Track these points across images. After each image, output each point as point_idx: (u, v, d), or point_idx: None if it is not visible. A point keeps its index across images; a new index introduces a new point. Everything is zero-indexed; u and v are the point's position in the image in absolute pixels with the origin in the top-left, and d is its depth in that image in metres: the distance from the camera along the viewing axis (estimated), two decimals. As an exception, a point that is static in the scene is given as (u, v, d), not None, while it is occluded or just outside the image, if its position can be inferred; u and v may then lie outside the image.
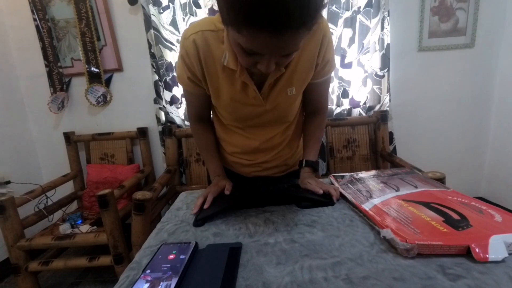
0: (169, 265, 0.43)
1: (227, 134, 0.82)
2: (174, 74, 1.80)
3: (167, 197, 1.78)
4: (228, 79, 0.65)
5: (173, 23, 1.73)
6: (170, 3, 1.70)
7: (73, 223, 1.56)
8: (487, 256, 0.39)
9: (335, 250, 0.46)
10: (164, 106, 1.82)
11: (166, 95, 1.81)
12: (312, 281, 0.39)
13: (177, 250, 0.47)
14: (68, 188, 1.91)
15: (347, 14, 1.70)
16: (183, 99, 1.85)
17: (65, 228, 1.51)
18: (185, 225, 0.60)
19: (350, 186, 0.68)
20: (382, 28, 1.70)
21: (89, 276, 1.67)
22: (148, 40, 1.73)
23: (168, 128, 1.80)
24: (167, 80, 1.79)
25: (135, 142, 1.95)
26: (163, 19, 1.71)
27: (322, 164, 1.84)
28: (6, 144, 1.80)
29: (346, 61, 1.76)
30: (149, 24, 1.70)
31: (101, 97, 1.88)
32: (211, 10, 1.72)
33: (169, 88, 1.81)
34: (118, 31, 1.82)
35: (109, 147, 1.93)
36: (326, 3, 1.24)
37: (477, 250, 0.39)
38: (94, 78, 1.83)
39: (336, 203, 0.64)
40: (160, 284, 0.39)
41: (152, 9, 1.68)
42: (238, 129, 0.79)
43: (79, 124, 1.97)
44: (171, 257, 0.45)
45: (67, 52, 1.84)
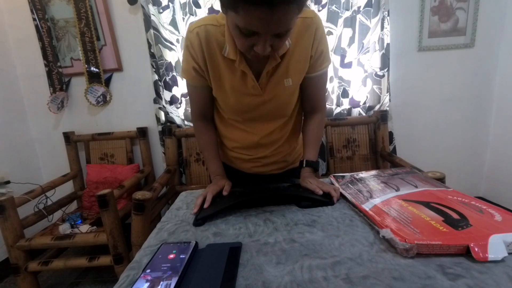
0: (169, 265, 0.43)
1: (228, 129, 0.83)
2: (174, 74, 1.80)
3: (167, 197, 1.78)
4: (228, 69, 0.69)
5: (173, 23, 1.73)
6: (169, 3, 1.70)
7: (72, 223, 1.56)
8: (486, 255, 0.39)
9: (335, 250, 0.46)
10: (164, 106, 1.82)
11: (166, 95, 1.81)
12: (312, 280, 0.39)
13: (177, 249, 0.47)
14: (68, 188, 1.90)
15: (347, 13, 1.69)
16: (183, 99, 1.85)
17: (64, 228, 1.51)
18: (185, 224, 0.60)
19: (351, 186, 0.68)
20: (382, 28, 1.70)
21: (89, 276, 1.67)
22: (147, 40, 1.73)
23: (168, 128, 1.79)
24: (167, 80, 1.79)
25: (135, 142, 1.95)
26: (162, 19, 1.71)
27: (322, 164, 1.84)
28: (6, 144, 1.80)
29: (346, 61, 1.76)
30: (148, 24, 1.70)
31: (101, 97, 1.87)
32: (211, 10, 1.72)
33: (169, 88, 1.81)
34: (118, 31, 1.82)
35: (109, 147, 1.93)
36: None
37: (476, 250, 0.39)
38: (93, 78, 1.83)
39: (336, 203, 0.64)
40: (160, 283, 0.39)
41: (152, 9, 1.68)
42: (238, 123, 0.80)
43: (79, 124, 1.96)
44: (171, 256, 0.45)
45: (67, 52, 1.84)
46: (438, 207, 0.51)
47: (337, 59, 1.76)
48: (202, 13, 1.72)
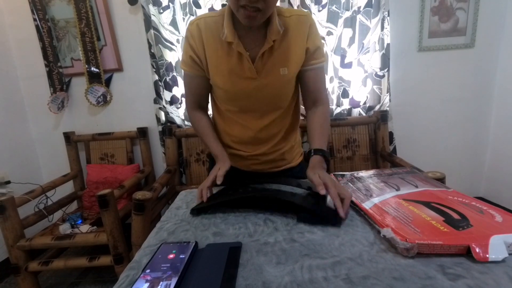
0: (168, 265, 0.43)
1: (225, 123, 0.85)
2: (174, 74, 1.80)
3: (167, 197, 1.78)
4: (226, 54, 0.74)
5: (173, 23, 1.73)
6: (170, 3, 1.70)
7: (73, 223, 1.56)
8: (487, 256, 0.39)
9: (335, 250, 0.46)
10: (164, 106, 1.82)
11: (166, 95, 1.81)
12: (312, 280, 0.39)
13: (177, 249, 0.47)
14: (68, 188, 1.90)
15: (347, 14, 1.69)
16: (183, 99, 1.85)
17: (65, 228, 1.51)
18: (185, 224, 0.60)
19: (351, 185, 0.68)
20: (382, 28, 1.70)
21: (89, 276, 1.67)
22: (148, 40, 1.73)
23: (168, 128, 1.80)
24: (167, 80, 1.79)
25: (135, 142, 1.95)
26: (163, 19, 1.71)
27: (322, 164, 1.84)
28: (6, 144, 1.80)
29: (346, 61, 1.76)
30: (149, 24, 1.70)
31: (101, 97, 1.87)
32: (211, 10, 1.72)
33: (169, 88, 1.81)
34: (118, 31, 1.82)
35: (109, 147, 1.93)
36: None
37: (477, 250, 0.39)
38: (94, 78, 1.83)
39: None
40: (160, 283, 0.39)
41: (152, 9, 1.68)
42: (235, 115, 0.82)
43: (79, 124, 1.96)
44: (171, 256, 0.45)
45: (67, 52, 1.84)
46: (438, 207, 0.51)
47: (337, 59, 1.76)
48: (202, 13, 1.72)
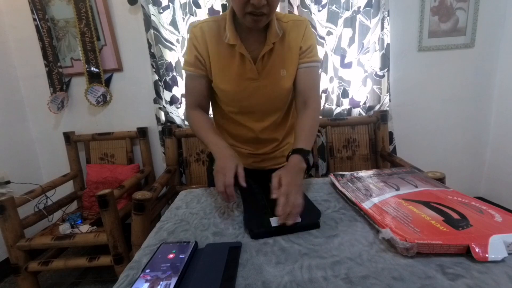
0: (168, 265, 0.43)
1: (227, 123, 0.86)
2: (174, 74, 1.80)
3: (167, 197, 1.78)
4: (229, 55, 0.77)
5: (173, 23, 1.73)
6: (170, 3, 1.70)
7: (73, 223, 1.56)
8: (486, 255, 0.39)
9: (334, 250, 0.46)
10: (164, 106, 1.82)
11: (166, 95, 1.81)
12: (312, 280, 0.39)
13: (177, 249, 0.47)
14: (68, 188, 1.90)
15: (347, 14, 1.70)
16: (183, 99, 1.85)
17: (65, 228, 1.51)
18: (185, 224, 0.60)
19: (350, 185, 0.68)
20: (382, 28, 1.70)
21: (89, 276, 1.67)
22: (148, 40, 1.73)
23: (168, 128, 1.80)
24: (167, 80, 1.79)
25: (135, 142, 1.95)
26: (163, 19, 1.71)
27: (322, 164, 1.84)
28: (6, 144, 1.80)
29: (346, 61, 1.76)
30: (149, 24, 1.70)
31: (101, 97, 1.87)
32: (211, 10, 1.72)
33: (169, 88, 1.81)
34: (118, 31, 1.82)
35: (109, 147, 1.93)
36: None
37: (477, 250, 0.39)
38: (94, 78, 1.83)
39: (335, 202, 0.64)
40: (160, 283, 0.39)
41: (152, 9, 1.68)
42: (236, 116, 0.83)
43: (79, 124, 1.96)
44: (171, 256, 0.45)
45: (67, 52, 1.84)
46: (438, 207, 0.51)
47: (337, 59, 1.76)
48: (202, 13, 1.72)
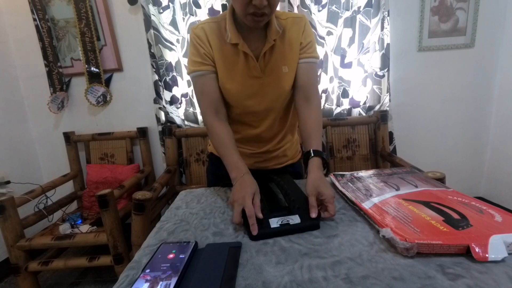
0: (168, 265, 0.43)
1: (230, 124, 0.83)
2: (174, 74, 1.80)
3: (167, 197, 1.78)
4: (232, 55, 0.76)
5: (173, 23, 1.73)
6: (170, 3, 1.70)
7: (73, 223, 1.56)
8: (486, 255, 0.39)
9: (334, 250, 0.46)
10: (164, 106, 1.82)
11: (166, 95, 1.81)
12: (312, 280, 0.39)
13: (177, 249, 0.47)
14: (68, 188, 1.90)
15: (347, 14, 1.69)
16: (183, 99, 1.85)
17: (65, 228, 1.51)
18: (185, 224, 0.60)
19: (350, 185, 0.68)
20: (382, 28, 1.70)
21: (89, 276, 1.67)
22: (148, 40, 1.73)
23: (168, 128, 1.79)
24: (167, 80, 1.79)
25: (135, 142, 1.95)
26: (163, 19, 1.71)
27: (322, 164, 1.84)
28: (6, 144, 1.80)
29: (346, 61, 1.76)
30: (149, 24, 1.70)
31: (101, 97, 1.87)
32: (211, 10, 1.72)
33: (169, 88, 1.81)
34: (118, 31, 1.82)
35: (109, 147, 1.93)
36: None
37: (477, 250, 0.39)
38: (94, 78, 1.83)
39: (335, 202, 0.64)
40: (160, 283, 0.39)
41: (152, 9, 1.68)
42: (238, 115, 0.83)
43: (79, 124, 1.96)
44: (171, 256, 0.45)
45: (67, 52, 1.84)
46: (438, 207, 0.51)
47: (337, 59, 1.76)
48: (202, 13, 1.72)
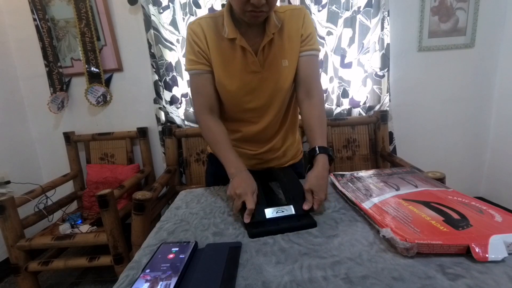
0: (168, 265, 0.43)
1: (229, 120, 0.84)
2: (174, 74, 1.80)
3: (167, 197, 1.78)
4: (230, 50, 0.75)
5: (173, 23, 1.73)
6: (170, 3, 1.70)
7: (73, 223, 1.56)
8: (486, 255, 0.39)
9: (334, 250, 0.46)
10: (164, 106, 1.82)
11: (166, 95, 1.81)
12: (312, 280, 0.39)
13: (177, 249, 0.47)
14: (68, 188, 1.90)
15: (347, 14, 1.69)
16: (183, 99, 1.85)
17: (65, 228, 1.51)
18: (185, 224, 0.60)
19: (350, 185, 0.68)
20: (382, 28, 1.70)
21: (89, 276, 1.67)
22: (148, 40, 1.73)
23: (168, 128, 1.79)
24: (167, 80, 1.79)
25: (135, 142, 1.95)
26: (163, 19, 1.71)
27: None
28: (6, 144, 1.80)
29: (346, 61, 1.76)
30: (149, 24, 1.70)
31: (101, 97, 1.87)
32: (211, 10, 1.72)
33: (169, 88, 1.81)
34: (118, 31, 1.82)
35: (109, 147, 1.92)
36: None
37: (477, 250, 0.39)
38: (94, 78, 1.83)
39: (335, 202, 0.64)
40: (160, 283, 0.39)
41: (152, 9, 1.68)
42: (238, 112, 0.81)
43: (79, 124, 1.96)
44: (171, 256, 0.45)
45: (67, 52, 1.84)
46: (438, 207, 0.51)
47: (337, 59, 1.76)
48: (202, 13, 1.72)
